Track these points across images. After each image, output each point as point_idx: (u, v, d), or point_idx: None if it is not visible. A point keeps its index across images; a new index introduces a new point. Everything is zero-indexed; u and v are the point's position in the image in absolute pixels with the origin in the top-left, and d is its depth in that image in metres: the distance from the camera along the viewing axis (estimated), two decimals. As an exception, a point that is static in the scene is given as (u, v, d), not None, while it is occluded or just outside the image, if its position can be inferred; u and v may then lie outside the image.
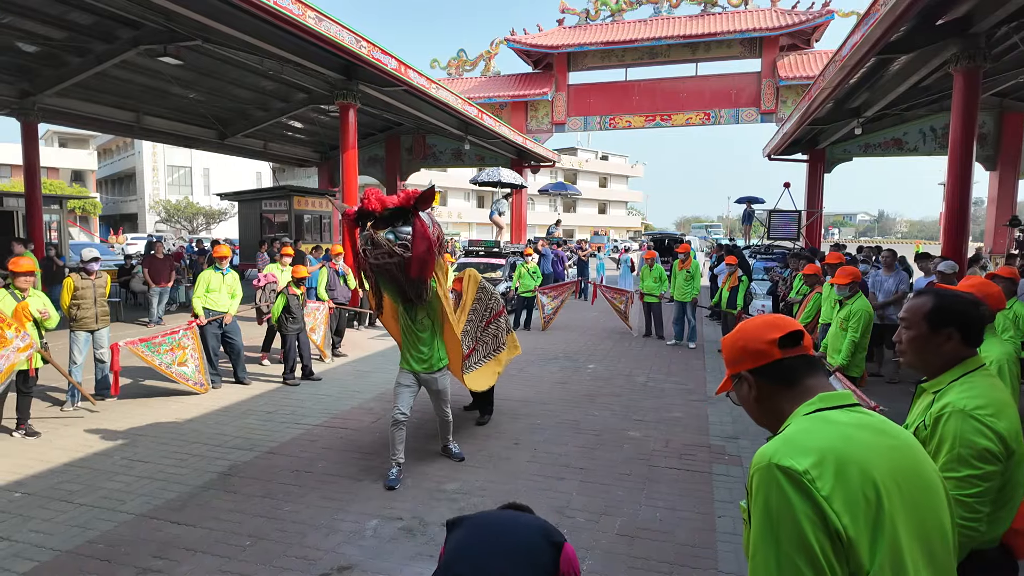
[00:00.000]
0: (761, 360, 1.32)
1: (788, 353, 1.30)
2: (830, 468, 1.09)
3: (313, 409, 6.38)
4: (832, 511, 1.07)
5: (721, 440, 5.52)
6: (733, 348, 1.38)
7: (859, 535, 1.07)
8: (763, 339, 1.31)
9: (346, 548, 3.57)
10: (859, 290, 5.41)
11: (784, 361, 1.30)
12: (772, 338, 1.30)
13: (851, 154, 19.13)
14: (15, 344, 5.12)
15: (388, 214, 4.14)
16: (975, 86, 8.61)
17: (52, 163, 38.15)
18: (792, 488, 1.09)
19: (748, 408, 1.39)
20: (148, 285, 11.64)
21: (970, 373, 1.81)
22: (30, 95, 13.06)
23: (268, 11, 8.30)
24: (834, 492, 1.08)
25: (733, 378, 1.39)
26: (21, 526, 3.81)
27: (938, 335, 1.82)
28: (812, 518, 1.07)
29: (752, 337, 1.34)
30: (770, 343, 1.30)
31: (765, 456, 1.15)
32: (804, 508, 1.07)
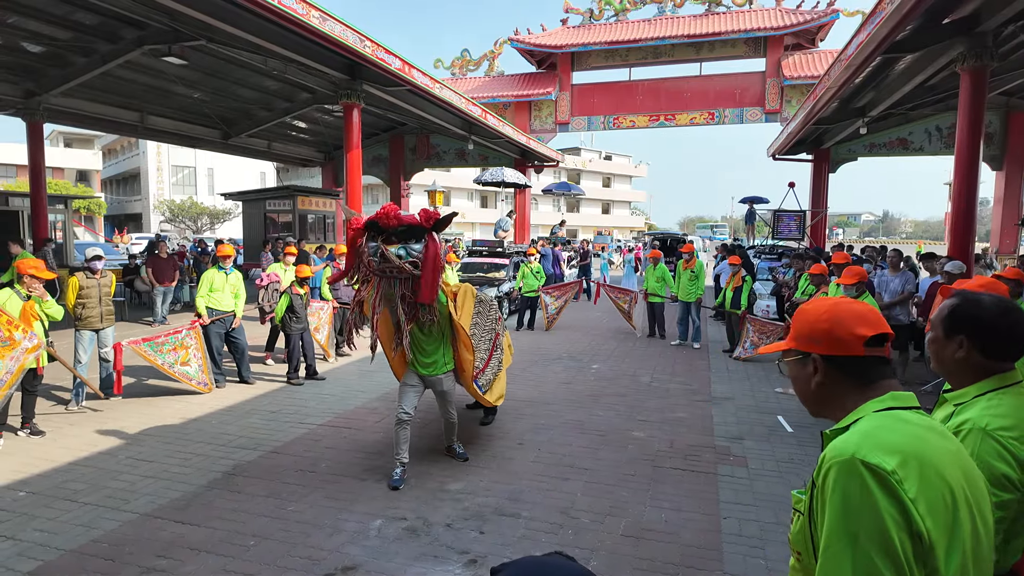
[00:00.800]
0: (841, 350, 1.26)
1: (871, 352, 1.25)
2: (914, 470, 1.08)
3: (317, 409, 6.38)
4: (917, 513, 1.06)
5: (726, 441, 5.49)
6: (814, 327, 1.29)
7: (939, 539, 1.07)
8: (852, 331, 1.25)
9: (350, 548, 3.56)
10: (866, 290, 5.39)
11: (864, 359, 1.25)
12: (862, 334, 1.24)
13: (856, 154, 19.06)
14: (23, 345, 5.13)
15: (403, 230, 4.05)
16: (982, 85, 8.56)
17: (57, 163, 38.32)
18: (878, 486, 1.07)
19: (800, 386, 1.35)
20: (152, 285, 11.66)
21: (1000, 390, 1.60)
22: (35, 95, 13.11)
23: (272, 11, 8.31)
24: (919, 494, 1.07)
25: (795, 352, 1.33)
26: (26, 525, 3.81)
27: (951, 342, 1.65)
28: (896, 518, 1.05)
29: (841, 324, 1.26)
30: (858, 338, 1.24)
31: (846, 450, 1.12)
32: (889, 508, 1.06)
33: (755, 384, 7.62)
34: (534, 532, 3.78)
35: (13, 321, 5.09)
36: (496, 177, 16.01)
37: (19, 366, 5.14)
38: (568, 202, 59.38)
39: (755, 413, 6.35)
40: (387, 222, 4.01)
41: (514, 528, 3.83)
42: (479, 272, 13.62)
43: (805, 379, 1.33)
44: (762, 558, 3.50)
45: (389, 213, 4.02)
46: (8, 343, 5.04)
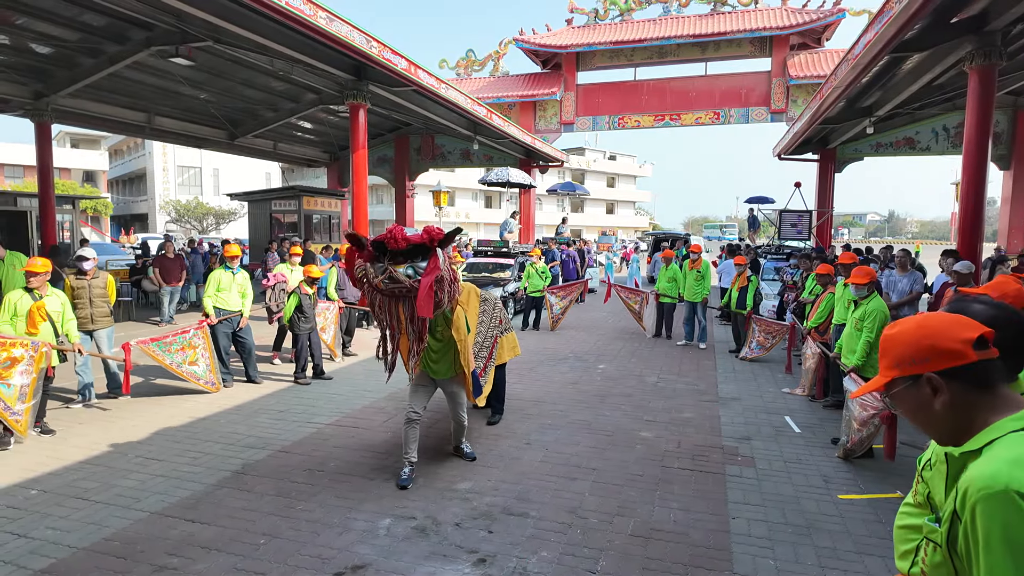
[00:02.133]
0: (955, 361, 1.17)
1: (982, 356, 1.17)
2: None
3: (325, 408, 6.40)
4: None
5: (734, 441, 5.49)
6: (917, 346, 1.21)
7: None
8: (957, 337, 1.18)
9: (359, 547, 3.58)
10: (875, 290, 5.37)
11: (979, 364, 1.17)
12: (968, 337, 1.17)
13: (862, 153, 18.97)
14: (27, 361, 5.16)
15: (409, 250, 4.06)
16: (990, 84, 8.51)
17: (64, 164, 38.49)
18: None
19: (925, 415, 1.23)
20: (159, 285, 11.71)
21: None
22: (44, 96, 13.18)
23: (279, 11, 8.34)
24: None
25: (902, 381, 1.24)
26: (38, 523, 3.84)
27: None
28: None
29: (943, 335, 1.19)
30: (965, 343, 1.17)
31: (998, 481, 1.03)
32: None
33: (762, 384, 7.61)
34: (543, 532, 3.78)
35: (5, 343, 5.07)
36: (501, 177, 16.00)
37: (33, 378, 5.19)
38: (572, 202, 59.31)
39: (762, 413, 6.34)
40: (395, 244, 4.02)
41: (523, 528, 3.83)
42: (484, 272, 13.63)
43: (926, 406, 1.21)
44: (771, 558, 3.50)
45: (396, 235, 4.03)
46: (10, 364, 5.06)
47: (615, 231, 52.98)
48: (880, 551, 3.53)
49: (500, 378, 5.89)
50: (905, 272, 7.78)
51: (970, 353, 1.17)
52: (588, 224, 58.73)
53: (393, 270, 4.04)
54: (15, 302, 5.38)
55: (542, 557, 3.49)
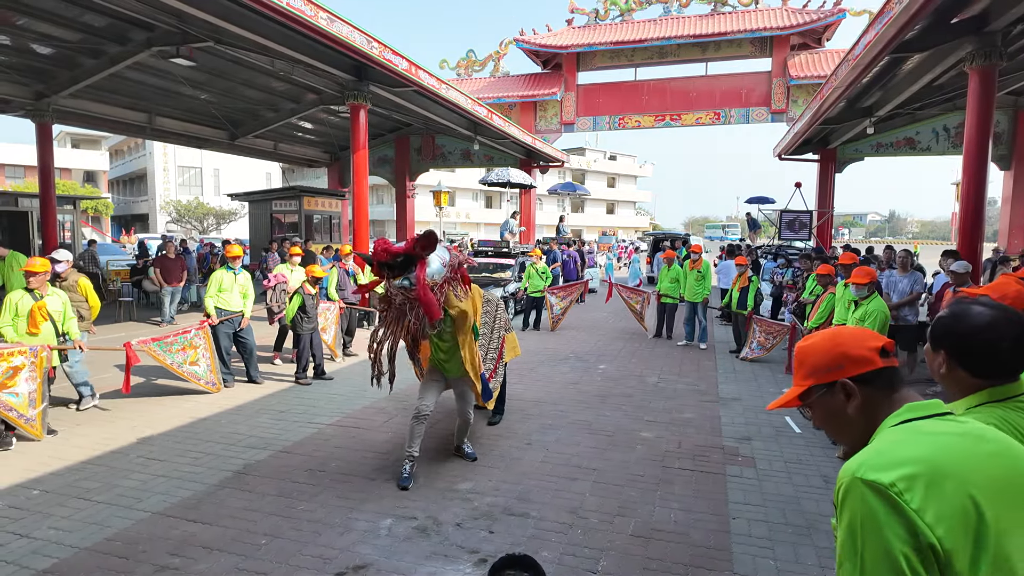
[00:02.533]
0: (865, 367, 1.27)
1: (887, 363, 1.27)
2: (921, 480, 1.05)
3: (326, 408, 6.41)
4: (924, 524, 1.03)
5: (734, 441, 5.49)
6: (829, 355, 1.30)
7: (957, 548, 1.02)
8: (866, 346, 1.28)
9: (361, 547, 3.58)
10: (876, 290, 5.38)
11: (885, 370, 1.27)
12: (875, 346, 1.28)
13: (863, 154, 18.98)
14: (29, 368, 5.16)
15: (402, 260, 4.09)
16: (990, 85, 8.52)
17: (65, 164, 38.53)
18: (878, 501, 1.06)
19: (839, 420, 1.31)
20: (160, 285, 11.72)
21: (987, 404, 1.49)
22: (45, 96, 13.20)
23: (280, 12, 8.35)
24: (926, 504, 1.04)
25: (817, 388, 1.31)
26: (40, 523, 3.85)
27: (936, 356, 1.57)
28: (900, 533, 1.03)
29: (853, 344, 1.29)
30: (872, 350, 1.27)
31: (848, 470, 1.12)
32: (890, 522, 1.04)
33: (762, 384, 7.62)
34: (543, 532, 3.79)
35: (3, 353, 5.07)
36: (501, 177, 16.01)
37: (38, 383, 5.22)
38: (573, 202, 59.33)
39: (763, 414, 6.35)
40: (380, 257, 4.07)
41: (523, 528, 3.84)
42: (484, 273, 13.64)
43: (840, 411, 1.30)
44: (771, 558, 3.51)
45: (378, 249, 4.08)
46: (12, 373, 5.07)
47: (615, 231, 53.00)
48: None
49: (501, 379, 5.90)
50: (906, 272, 7.78)
51: (877, 360, 1.27)
52: (588, 224, 58.73)
53: (390, 285, 4.15)
54: (16, 302, 5.39)
55: (543, 557, 3.50)
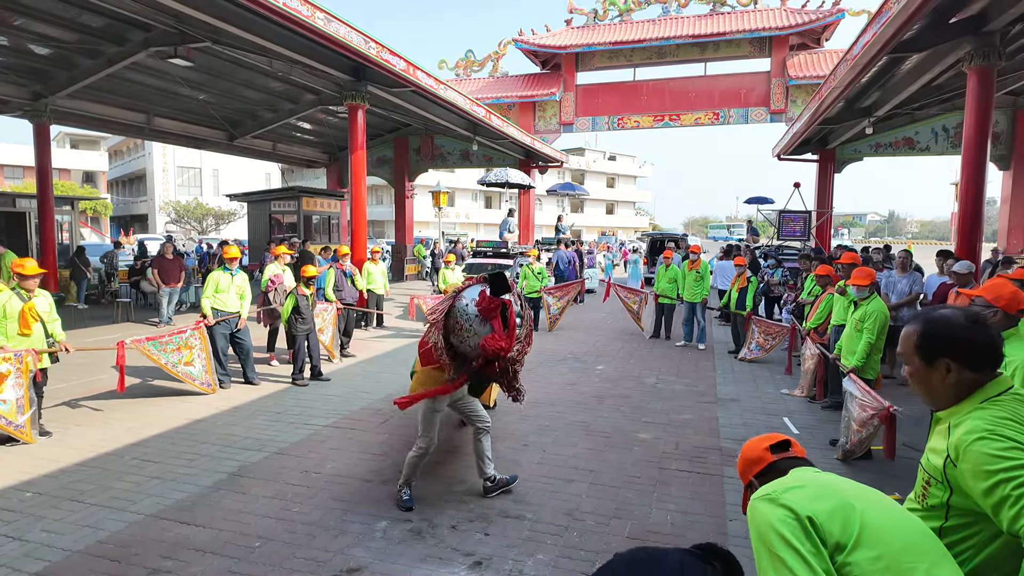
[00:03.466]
0: (760, 466, 1.62)
1: (779, 455, 1.62)
2: (796, 489, 1.41)
3: (322, 410, 6.38)
4: (800, 506, 1.36)
5: (732, 442, 5.47)
6: (741, 463, 1.70)
7: (830, 521, 1.33)
8: (759, 448, 1.65)
9: (355, 550, 3.56)
10: (875, 291, 5.36)
11: (778, 461, 1.60)
12: (765, 446, 1.64)
13: (861, 154, 18.97)
14: (15, 374, 5.13)
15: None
16: (989, 84, 8.51)
17: (64, 165, 38.49)
18: (764, 503, 1.42)
19: None
20: (157, 286, 11.69)
21: (995, 398, 1.57)
22: (42, 97, 13.18)
23: (277, 12, 8.33)
24: (799, 497, 1.37)
25: (747, 489, 1.68)
26: (32, 526, 3.82)
27: (935, 370, 1.61)
28: (781, 514, 1.36)
29: (750, 449, 1.67)
30: (764, 450, 1.63)
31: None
32: (774, 509, 1.39)
33: (761, 385, 7.59)
34: (539, 534, 3.77)
35: None
36: (500, 178, 15.97)
37: (25, 388, 5.18)
38: (572, 203, 59.31)
39: (761, 415, 6.33)
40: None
41: (519, 530, 3.82)
42: (483, 273, 13.61)
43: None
44: (769, 561, 3.48)
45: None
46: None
47: (615, 231, 52.99)
48: (878, 553, 3.51)
49: None
50: (905, 273, 7.76)
51: (768, 456, 1.62)
52: (588, 224, 58.72)
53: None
54: (3, 304, 5.33)
55: (538, 560, 3.48)
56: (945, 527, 1.59)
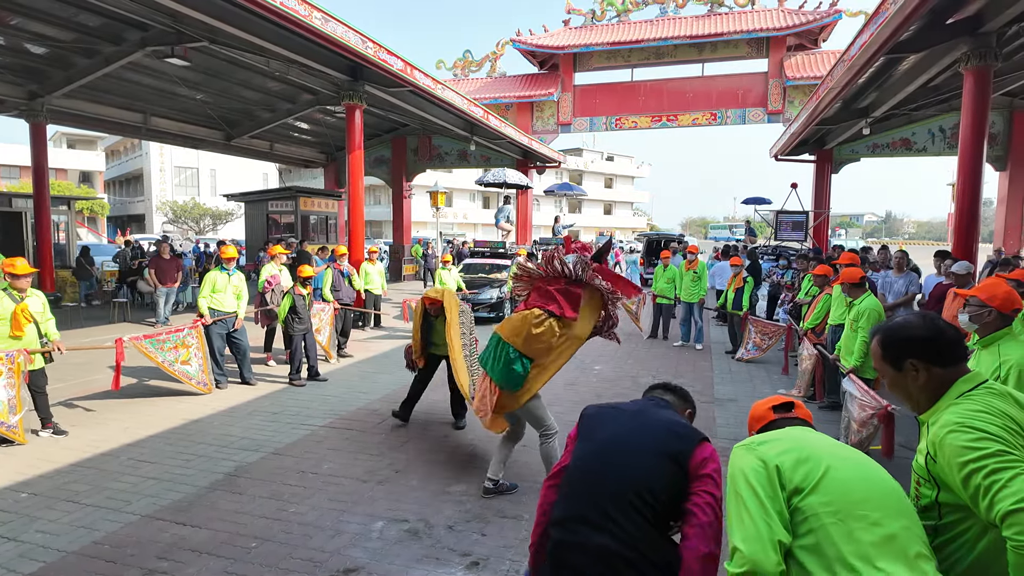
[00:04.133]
0: (763, 422, 1.87)
1: (780, 415, 1.84)
2: (770, 442, 1.65)
3: (319, 410, 6.37)
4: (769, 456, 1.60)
5: (729, 442, 5.46)
6: (749, 420, 1.95)
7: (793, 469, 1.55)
8: (765, 407, 1.89)
9: (352, 550, 3.55)
10: (868, 290, 5.36)
11: (779, 419, 1.83)
12: (770, 406, 1.89)
13: (859, 154, 19.01)
14: (6, 375, 5.09)
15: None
16: (985, 85, 8.53)
17: (60, 164, 38.39)
18: (740, 449, 1.67)
19: None
20: (154, 286, 11.66)
21: (968, 393, 1.61)
22: (38, 97, 13.14)
23: (275, 12, 8.32)
24: (770, 450, 1.60)
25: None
26: (27, 527, 3.81)
27: (905, 374, 1.68)
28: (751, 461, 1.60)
29: (757, 408, 1.92)
30: (768, 410, 1.88)
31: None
32: (747, 455, 1.64)
33: (758, 385, 7.60)
34: (536, 534, 3.76)
35: None
36: (498, 178, 15.98)
37: (16, 389, 5.15)
38: (570, 203, 59.36)
39: (758, 414, 6.32)
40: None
41: (516, 530, 3.81)
42: (481, 273, 13.61)
43: None
44: (766, 561, 3.48)
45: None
46: None
47: (612, 232, 53.00)
48: (875, 553, 3.51)
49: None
50: (901, 273, 7.77)
51: (770, 415, 1.85)
52: (586, 225, 58.72)
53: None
54: None
55: (535, 560, 3.47)
56: (939, 525, 1.60)
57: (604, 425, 1.98)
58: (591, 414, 2.08)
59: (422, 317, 5.75)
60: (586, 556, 1.74)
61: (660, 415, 1.99)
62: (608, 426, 1.97)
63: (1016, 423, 1.53)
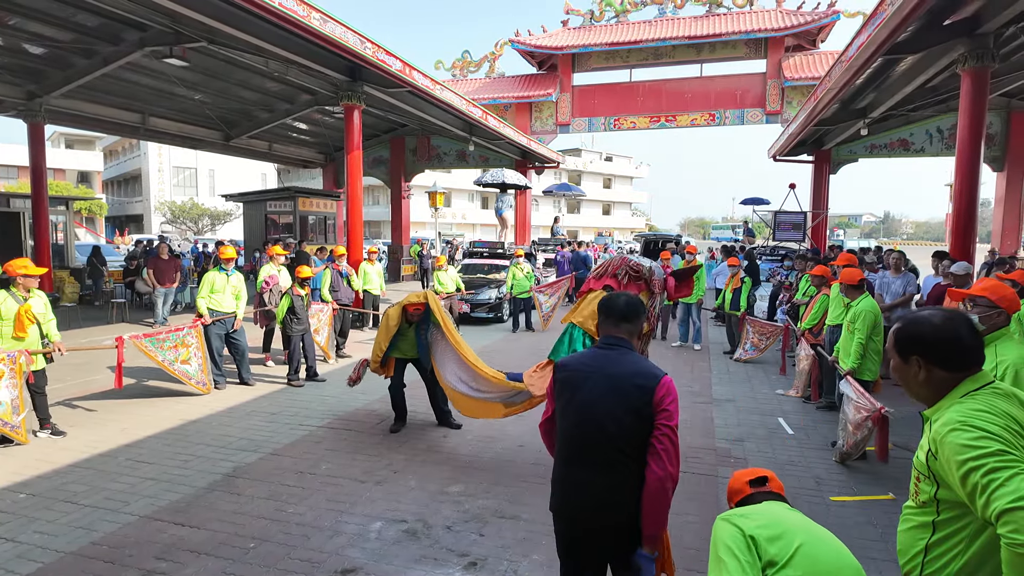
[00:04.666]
0: (740, 496, 1.99)
1: (756, 489, 1.97)
2: (749, 515, 1.82)
3: (317, 410, 6.37)
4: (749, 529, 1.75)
5: (727, 443, 5.48)
6: (727, 492, 2.07)
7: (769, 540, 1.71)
8: (742, 481, 2.00)
9: (350, 550, 3.56)
10: (865, 291, 5.36)
11: (755, 493, 1.96)
12: (746, 480, 2.00)
13: (857, 155, 19.04)
14: (8, 375, 5.09)
15: None
16: (983, 86, 8.55)
17: (58, 164, 38.33)
18: (723, 522, 1.83)
19: None
20: (153, 286, 11.65)
21: (972, 394, 1.62)
22: (37, 97, 13.12)
23: (273, 12, 8.31)
24: (749, 522, 1.76)
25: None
26: (26, 527, 3.81)
27: (909, 366, 1.70)
28: (732, 532, 1.78)
29: (734, 482, 2.03)
30: (744, 484, 1.99)
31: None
32: (728, 527, 1.81)
33: (756, 386, 7.61)
34: (534, 535, 3.77)
35: None
36: (496, 178, 15.97)
37: (19, 390, 5.16)
38: (569, 203, 59.38)
39: (756, 415, 6.34)
40: None
41: (514, 530, 3.82)
42: (479, 273, 13.61)
43: None
44: (763, 561, 3.49)
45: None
46: None
47: (611, 232, 53.01)
48: (872, 553, 3.53)
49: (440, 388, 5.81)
50: (899, 274, 7.79)
51: (747, 489, 1.98)
52: (584, 225, 58.73)
53: None
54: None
55: (533, 560, 3.48)
56: (937, 521, 1.62)
57: (579, 389, 2.28)
58: (563, 378, 2.35)
59: (399, 323, 5.61)
60: (583, 495, 2.25)
61: (624, 367, 2.26)
62: (583, 390, 2.27)
63: (1018, 424, 1.55)
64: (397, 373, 5.80)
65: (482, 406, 5.19)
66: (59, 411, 6.25)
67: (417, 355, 5.74)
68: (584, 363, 2.34)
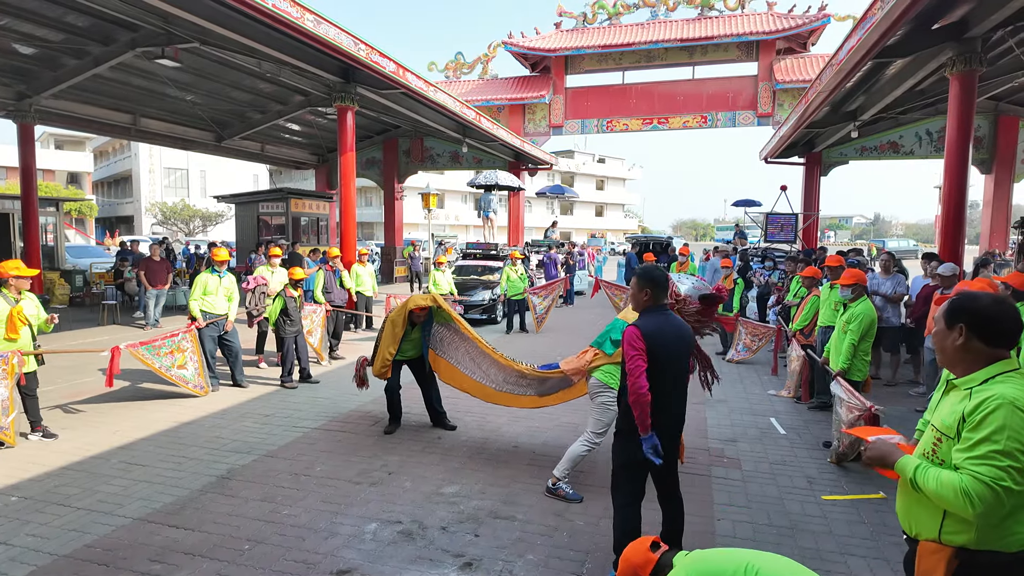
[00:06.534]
0: (647, 569, 2.00)
1: (660, 553, 2.01)
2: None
3: (311, 412, 6.36)
4: None
5: (720, 443, 5.52)
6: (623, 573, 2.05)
7: None
8: (640, 550, 2.03)
9: (345, 552, 3.56)
10: (864, 294, 5.39)
11: (660, 559, 2.00)
12: (645, 547, 2.04)
13: (847, 157, 19.20)
14: (2, 373, 5.08)
15: None
16: (971, 90, 8.65)
17: (48, 165, 38.04)
18: None
19: None
20: (144, 287, 11.58)
21: (1008, 373, 1.81)
22: (27, 97, 13.04)
23: (266, 13, 8.31)
24: None
25: None
26: (18, 530, 3.79)
27: (951, 331, 1.90)
28: None
29: (632, 553, 2.05)
30: (646, 552, 2.02)
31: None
32: None
33: (748, 386, 7.66)
34: (529, 535, 3.78)
35: None
36: (490, 180, 15.98)
37: (9, 391, 5.12)
38: (562, 205, 59.45)
39: (748, 415, 6.39)
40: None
41: (509, 531, 3.83)
42: (473, 275, 13.62)
43: None
44: (756, 559, 3.52)
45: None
46: None
47: (604, 233, 53.13)
48: (862, 551, 3.57)
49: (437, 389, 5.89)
50: (888, 275, 7.86)
51: (653, 556, 2.00)
52: (577, 227, 58.86)
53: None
54: None
55: (528, 560, 3.50)
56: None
57: (665, 342, 3.12)
58: (652, 332, 3.10)
59: (404, 327, 5.57)
60: (671, 416, 3.29)
61: (676, 325, 3.23)
62: (668, 341, 3.13)
63: None
64: (394, 374, 5.81)
65: (512, 399, 5.32)
66: (50, 414, 6.20)
67: (417, 355, 5.78)
68: (660, 326, 3.14)
